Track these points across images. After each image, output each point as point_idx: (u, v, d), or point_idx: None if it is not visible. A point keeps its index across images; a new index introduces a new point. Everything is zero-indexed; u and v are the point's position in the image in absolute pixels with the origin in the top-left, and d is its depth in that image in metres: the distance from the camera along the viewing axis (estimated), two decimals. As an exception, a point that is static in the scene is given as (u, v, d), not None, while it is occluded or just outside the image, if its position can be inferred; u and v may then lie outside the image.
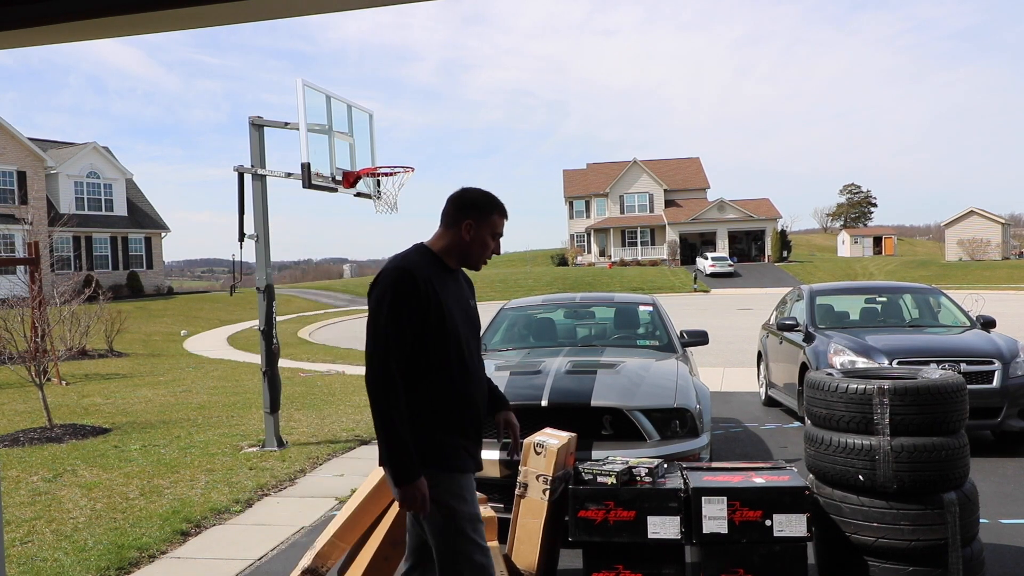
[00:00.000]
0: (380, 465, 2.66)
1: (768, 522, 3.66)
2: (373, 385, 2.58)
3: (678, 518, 3.67)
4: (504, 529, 4.09)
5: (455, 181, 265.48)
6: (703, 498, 3.68)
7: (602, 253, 62.20)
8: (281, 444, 7.64)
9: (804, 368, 7.79)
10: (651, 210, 61.73)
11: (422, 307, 2.64)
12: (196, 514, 5.51)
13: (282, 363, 8.70)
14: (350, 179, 7.70)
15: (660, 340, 6.58)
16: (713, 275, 49.79)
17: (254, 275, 7.81)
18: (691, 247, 59.93)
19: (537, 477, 3.92)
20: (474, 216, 2.81)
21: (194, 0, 1.44)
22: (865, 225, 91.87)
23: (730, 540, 3.69)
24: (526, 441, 3.96)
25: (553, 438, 4.01)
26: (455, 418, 2.74)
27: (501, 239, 2.93)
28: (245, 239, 7.62)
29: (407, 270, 2.66)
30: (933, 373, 3.86)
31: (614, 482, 3.70)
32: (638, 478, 3.73)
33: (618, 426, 4.75)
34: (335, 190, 7.63)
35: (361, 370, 13.80)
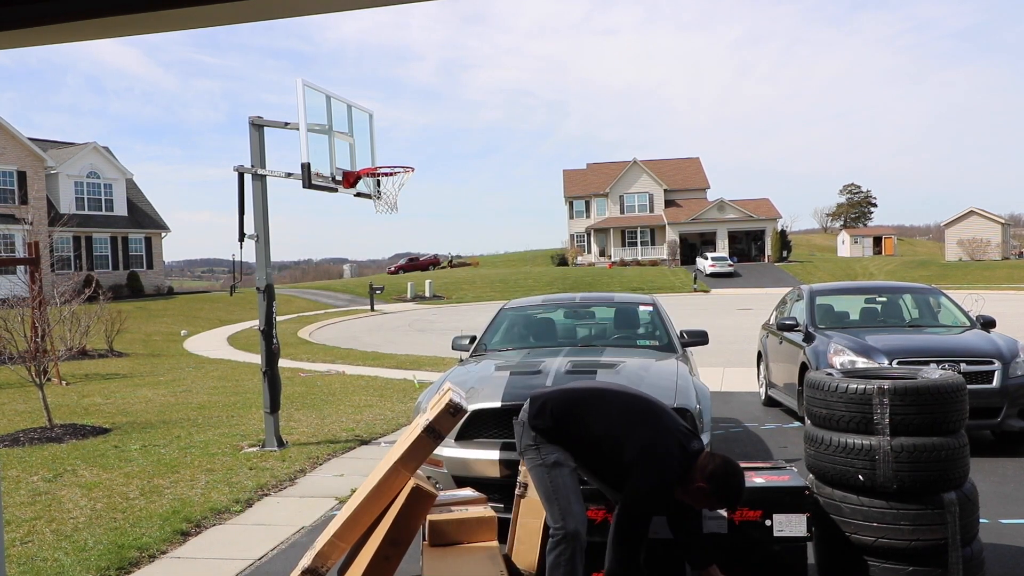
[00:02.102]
0: None
1: (768, 522, 3.67)
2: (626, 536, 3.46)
3: (678, 518, 3.67)
4: (504, 529, 4.09)
5: (455, 181, 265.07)
6: (703, 498, 3.68)
7: (602, 253, 62.19)
8: (281, 444, 7.64)
9: (804, 368, 7.79)
10: (651, 210, 61.71)
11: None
12: (196, 514, 5.51)
13: (282, 363, 8.70)
14: (350, 179, 7.70)
15: (660, 340, 6.57)
16: (713, 275, 49.76)
17: (254, 275, 7.81)
18: (691, 247, 59.91)
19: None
20: (708, 488, 3.37)
21: (194, 0, 1.44)
22: (865, 225, 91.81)
23: (730, 540, 3.69)
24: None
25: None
26: None
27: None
28: (245, 239, 7.62)
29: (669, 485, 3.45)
30: (933, 373, 3.86)
31: (614, 482, 3.69)
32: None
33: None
34: (335, 190, 7.63)
35: (361, 370, 13.71)
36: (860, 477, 3.65)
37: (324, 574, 3.50)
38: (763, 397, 9.90)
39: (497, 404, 4.73)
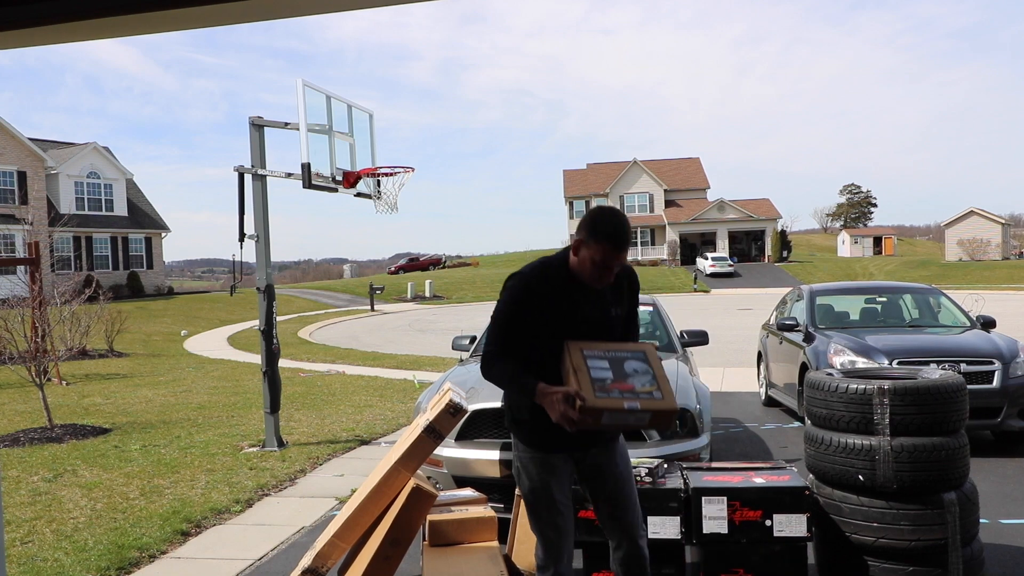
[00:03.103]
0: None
1: (768, 522, 3.66)
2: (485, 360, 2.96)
3: (678, 518, 3.68)
4: (504, 529, 4.10)
5: (455, 181, 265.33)
6: (703, 498, 3.69)
7: (602, 253, 62.18)
8: (281, 444, 7.64)
9: (804, 368, 7.79)
10: (651, 210, 61.72)
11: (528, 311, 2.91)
12: (196, 514, 5.51)
13: (282, 363, 8.70)
14: (350, 179, 7.70)
15: (660, 340, 6.57)
16: (713, 275, 49.78)
17: (254, 275, 7.82)
18: (691, 247, 59.91)
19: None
20: (582, 234, 2.83)
21: (194, 0, 1.44)
22: (865, 225, 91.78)
23: (730, 540, 3.69)
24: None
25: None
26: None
27: (613, 269, 2.84)
28: (245, 239, 7.63)
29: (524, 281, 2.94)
30: (933, 373, 3.86)
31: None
32: (638, 478, 3.73)
33: (618, 426, 4.74)
34: (335, 190, 7.63)
35: (361, 370, 13.74)
36: (860, 477, 3.65)
37: (324, 574, 3.50)
38: (763, 397, 9.90)
39: (497, 404, 4.72)
